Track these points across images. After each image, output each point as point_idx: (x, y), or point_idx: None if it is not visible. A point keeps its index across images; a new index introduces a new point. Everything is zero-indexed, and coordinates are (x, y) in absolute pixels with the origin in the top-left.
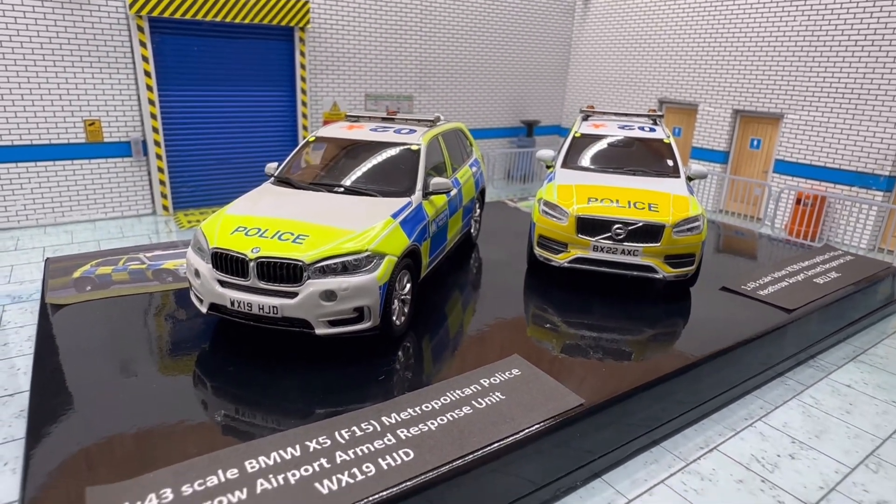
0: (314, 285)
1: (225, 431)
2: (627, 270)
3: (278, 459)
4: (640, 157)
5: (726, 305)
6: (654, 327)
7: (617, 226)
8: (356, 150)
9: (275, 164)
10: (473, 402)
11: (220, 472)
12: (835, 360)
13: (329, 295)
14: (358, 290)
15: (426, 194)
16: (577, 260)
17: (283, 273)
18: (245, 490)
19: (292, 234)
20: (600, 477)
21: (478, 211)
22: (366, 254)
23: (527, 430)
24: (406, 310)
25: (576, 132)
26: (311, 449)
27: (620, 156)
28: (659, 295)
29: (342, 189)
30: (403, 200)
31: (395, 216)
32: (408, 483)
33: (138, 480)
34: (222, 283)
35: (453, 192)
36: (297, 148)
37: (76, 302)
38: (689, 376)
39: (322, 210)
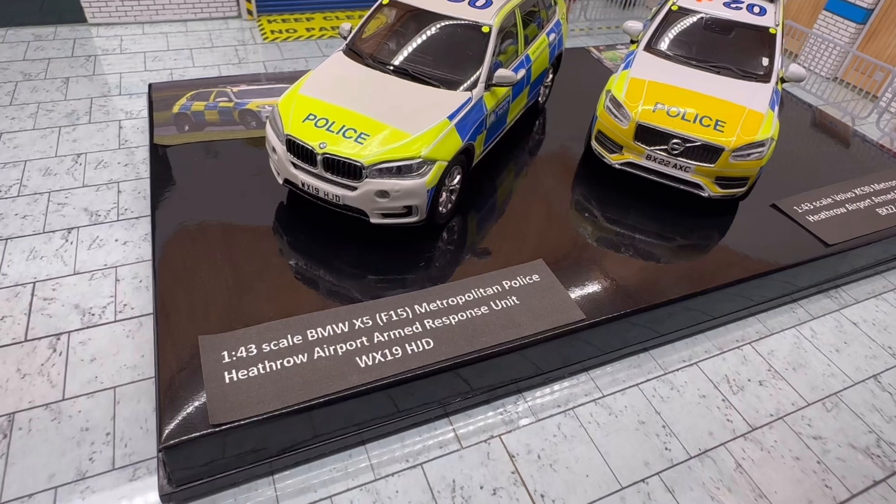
0: (371, 184)
1: (293, 300)
2: (675, 183)
3: (333, 332)
4: (735, 49)
5: (770, 226)
6: (687, 238)
7: (675, 140)
8: (425, 23)
9: (348, 27)
10: (491, 302)
11: (289, 336)
12: (858, 294)
13: (383, 194)
14: (408, 192)
15: (489, 85)
16: (629, 164)
17: (345, 169)
18: (305, 355)
19: (355, 132)
20: (587, 371)
21: (550, 77)
22: (418, 160)
23: (530, 337)
24: (453, 198)
25: (673, 3)
26: (357, 327)
27: (713, 44)
28: (705, 204)
29: (407, 73)
30: (464, 97)
31: (451, 117)
32: (424, 369)
33: (234, 335)
34: (295, 165)
35: (520, 75)
36: (370, 12)
37: (178, 143)
38: (699, 300)
39: (384, 103)
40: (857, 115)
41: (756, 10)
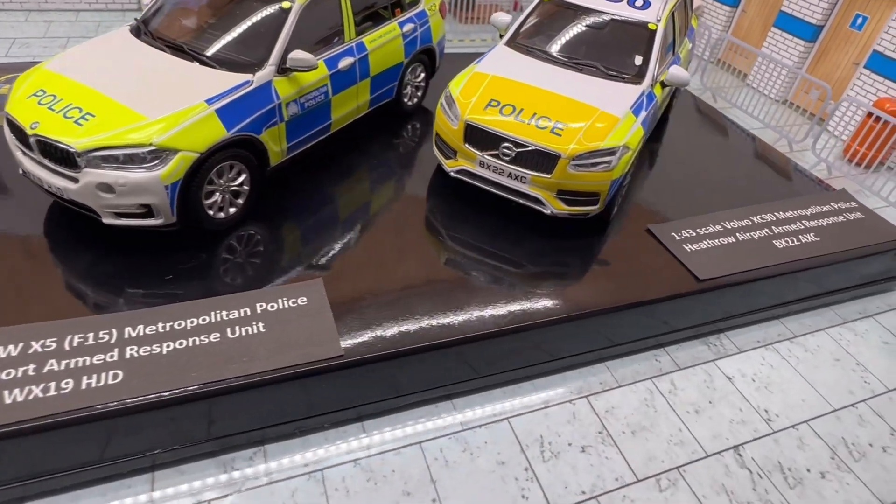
0: (90, 175)
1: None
2: (513, 196)
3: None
4: (606, 46)
5: (639, 254)
6: (538, 264)
7: (506, 144)
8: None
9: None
10: (230, 328)
11: None
12: (745, 341)
13: (106, 188)
14: (137, 188)
15: (282, 70)
16: (463, 172)
17: (59, 155)
18: None
19: (80, 111)
20: (361, 421)
21: (421, 76)
22: (149, 148)
23: (259, 375)
24: (240, 201)
25: None
26: (32, 350)
27: (583, 40)
28: (574, 225)
29: (182, 50)
30: (238, 79)
31: (211, 101)
32: (88, 410)
33: None
34: (22, 150)
35: (345, 62)
36: None
37: None
38: (520, 338)
39: (135, 82)
40: (794, 140)
41: (638, 2)
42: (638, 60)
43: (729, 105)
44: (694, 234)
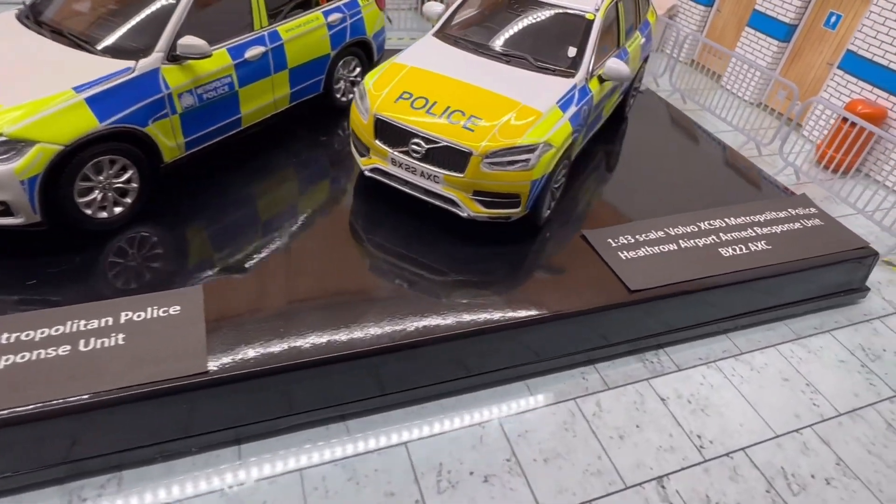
0: None
1: None
2: (429, 198)
3: None
4: (540, 37)
5: (570, 261)
6: (461, 272)
7: (415, 140)
8: None
9: None
10: (83, 340)
11: None
12: (685, 357)
13: None
14: None
15: (173, 57)
16: (377, 171)
17: None
18: None
19: None
20: (217, 449)
21: (357, 70)
22: (0, 139)
23: (105, 394)
24: (128, 200)
25: None
26: None
27: (516, 31)
28: (499, 227)
29: (61, 33)
30: (116, 65)
31: (80, 89)
32: None
33: None
34: None
35: (254, 52)
36: None
37: None
38: (412, 355)
39: (5, 68)
40: (762, 143)
41: None
42: (572, 52)
43: (698, 107)
44: (632, 240)
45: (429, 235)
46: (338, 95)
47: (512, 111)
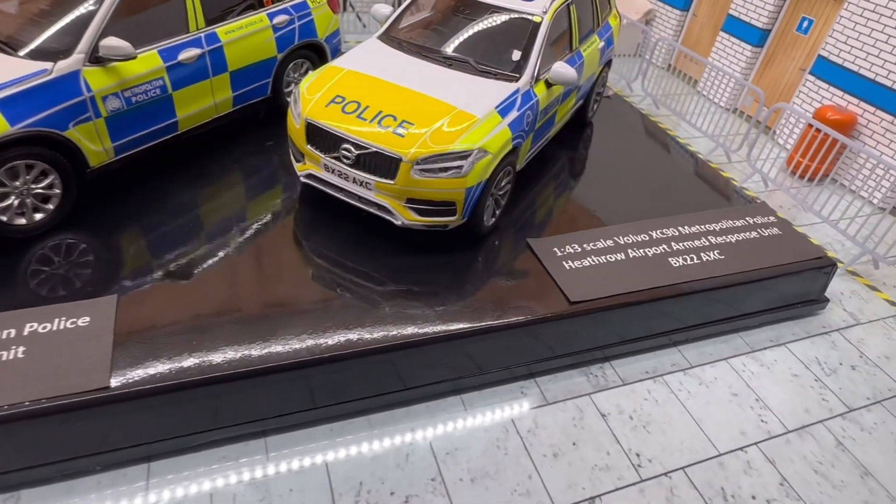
0: None
1: None
2: (363, 205)
3: None
4: (484, 40)
5: (513, 271)
6: (398, 282)
7: (345, 145)
8: None
9: None
10: None
11: None
12: (631, 371)
13: None
14: None
15: (95, 59)
16: (311, 177)
17: None
18: None
19: None
20: (124, 468)
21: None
22: None
23: None
24: (50, 206)
25: None
26: None
27: (460, 34)
28: (443, 235)
29: None
30: (32, 66)
31: None
32: None
33: None
34: None
35: (188, 54)
36: None
37: None
38: (330, 370)
39: None
40: (731, 150)
41: None
42: (516, 56)
43: (670, 112)
44: (579, 249)
45: (367, 243)
46: (288, 99)
47: (446, 116)
